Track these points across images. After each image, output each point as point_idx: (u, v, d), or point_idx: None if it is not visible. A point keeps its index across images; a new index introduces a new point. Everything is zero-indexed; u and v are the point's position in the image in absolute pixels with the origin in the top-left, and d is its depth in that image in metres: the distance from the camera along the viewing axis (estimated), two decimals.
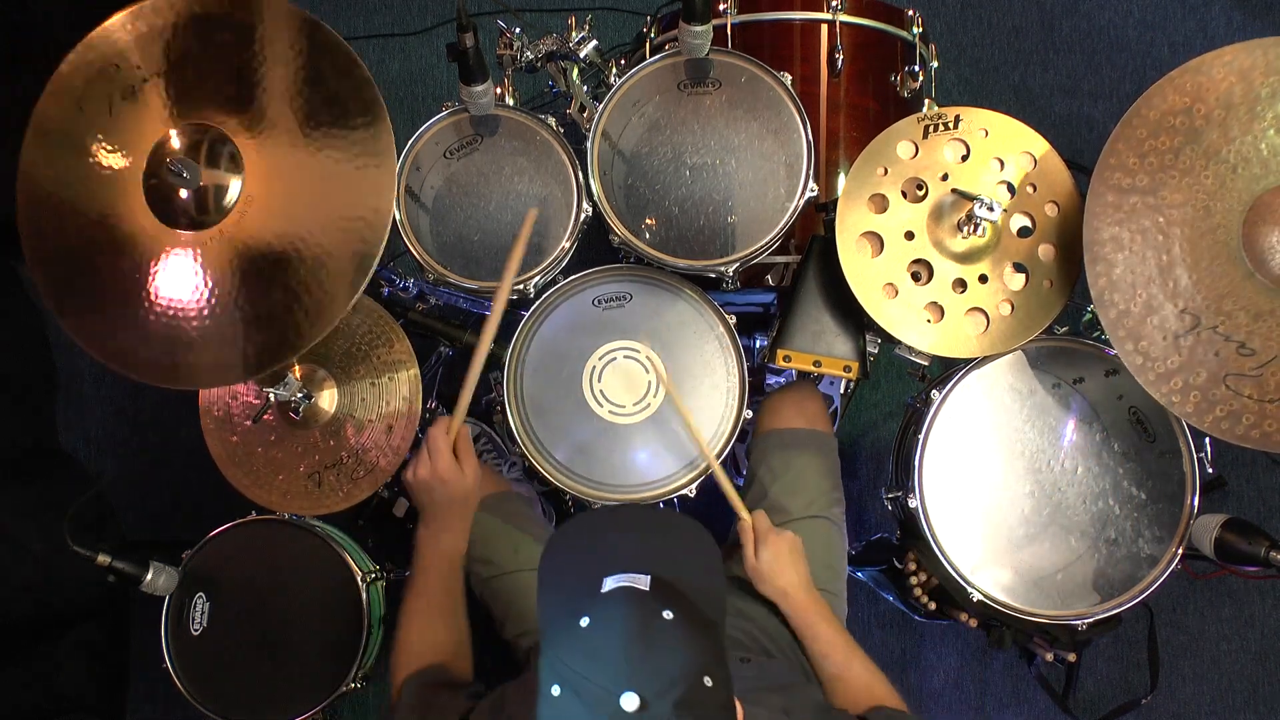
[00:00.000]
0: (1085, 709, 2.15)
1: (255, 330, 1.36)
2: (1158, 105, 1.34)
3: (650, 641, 0.88)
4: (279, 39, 1.35)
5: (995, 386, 1.59)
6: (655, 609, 0.90)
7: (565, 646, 0.89)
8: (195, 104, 1.37)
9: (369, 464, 1.62)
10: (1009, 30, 2.50)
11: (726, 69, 1.56)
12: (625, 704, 0.84)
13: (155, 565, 1.57)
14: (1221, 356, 1.34)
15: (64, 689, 2.09)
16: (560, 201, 1.59)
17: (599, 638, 0.88)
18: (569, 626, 0.90)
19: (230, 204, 1.36)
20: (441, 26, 2.54)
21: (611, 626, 0.89)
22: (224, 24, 1.36)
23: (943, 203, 1.46)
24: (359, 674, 1.64)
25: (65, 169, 1.39)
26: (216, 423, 1.66)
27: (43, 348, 2.40)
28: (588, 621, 0.89)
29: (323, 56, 1.35)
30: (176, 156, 1.34)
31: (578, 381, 1.57)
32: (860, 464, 2.31)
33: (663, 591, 0.92)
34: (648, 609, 0.90)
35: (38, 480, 2.23)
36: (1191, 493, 1.50)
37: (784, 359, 1.57)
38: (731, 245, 1.54)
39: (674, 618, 0.90)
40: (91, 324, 1.39)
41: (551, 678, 0.88)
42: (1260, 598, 2.23)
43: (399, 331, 1.64)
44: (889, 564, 1.74)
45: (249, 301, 1.36)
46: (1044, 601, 1.53)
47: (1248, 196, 1.33)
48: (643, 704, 0.84)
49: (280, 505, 1.64)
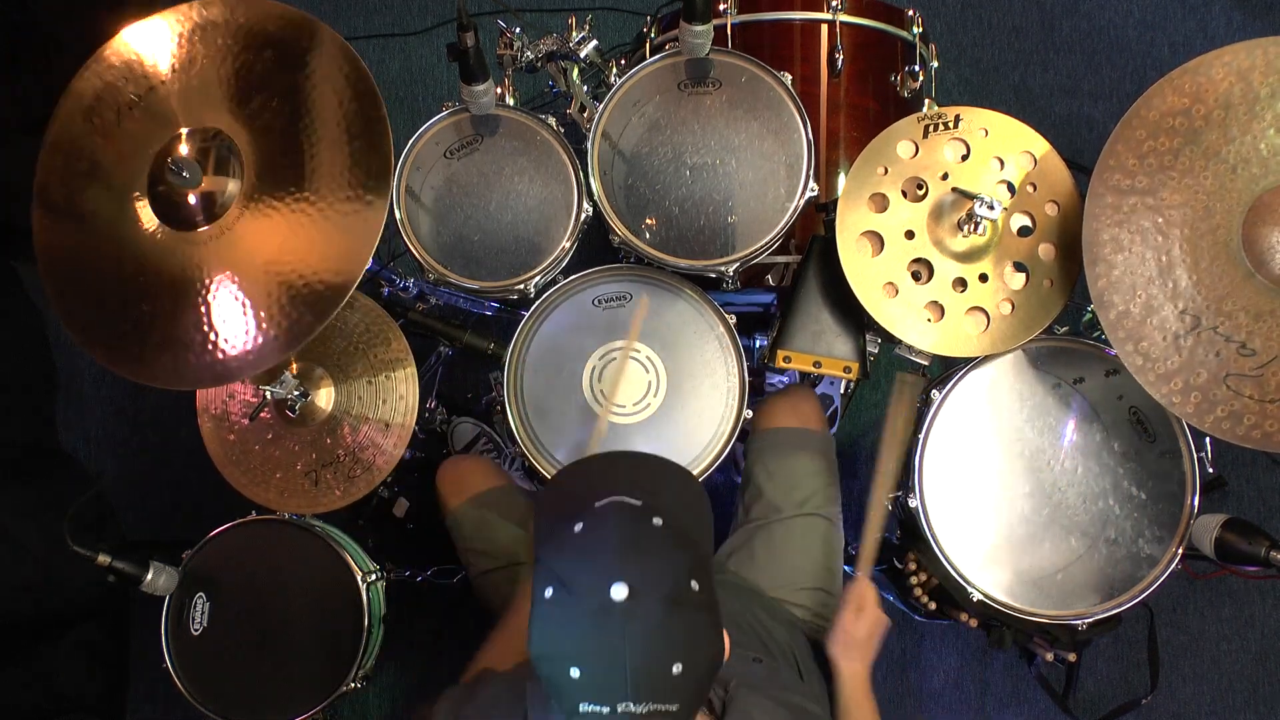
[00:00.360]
0: (1085, 709, 2.15)
1: (257, 329, 1.36)
2: (1157, 106, 1.34)
3: (640, 541, 0.91)
4: (323, 79, 1.35)
5: (995, 386, 1.59)
6: (646, 517, 0.94)
7: (559, 550, 0.92)
8: (208, 115, 1.38)
9: (365, 462, 1.62)
10: (1009, 30, 2.50)
11: (727, 69, 1.56)
12: (615, 593, 0.87)
13: (155, 565, 1.57)
14: (1222, 357, 1.34)
15: (64, 689, 2.09)
16: (560, 201, 1.59)
17: (592, 538, 0.92)
18: (563, 532, 0.93)
19: (227, 208, 1.36)
20: (441, 26, 2.54)
21: (604, 527, 0.92)
22: (272, 42, 1.37)
23: (943, 202, 1.46)
24: (359, 674, 1.64)
25: (80, 185, 1.39)
26: (214, 421, 1.66)
27: (43, 348, 2.40)
28: (581, 526, 0.93)
29: (357, 100, 1.34)
30: (179, 157, 1.34)
31: (578, 381, 1.57)
32: (860, 464, 2.31)
33: (652, 506, 0.95)
34: (639, 516, 0.94)
35: (38, 480, 2.23)
36: (1191, 493, 1.49)
37: (784, 359, 1.57)
38: (731, 245, 1.54)
39: (663, 525, 0.93)
40: (96, 326, 1.40)
41: (544, 582, 0.91)
42: (1260, 598, 2.23)
43: (396, 330, 1.64)
44: (889, 564, 1.74)
45: (249, 302, 1.36)
46: (1044, 601, 1.53)
47: (1248, 196, 1.33)
48: (632, 594, 0.87)
49: (277, 504, 1.64)
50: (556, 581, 0.90)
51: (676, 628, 0.88)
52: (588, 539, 0.92)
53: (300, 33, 1.36)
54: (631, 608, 0.87)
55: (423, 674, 2.22)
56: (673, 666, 0.87)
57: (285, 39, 1.36)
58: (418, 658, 2.20)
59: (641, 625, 0.87)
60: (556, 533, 0.94)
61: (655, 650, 0.87)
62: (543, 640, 0.90)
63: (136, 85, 1.37)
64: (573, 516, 0.94)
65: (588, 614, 0.88)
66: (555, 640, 0.89)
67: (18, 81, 2.09)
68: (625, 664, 0.86)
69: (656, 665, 0.87)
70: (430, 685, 2.22)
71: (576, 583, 0.89)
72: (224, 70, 1.37)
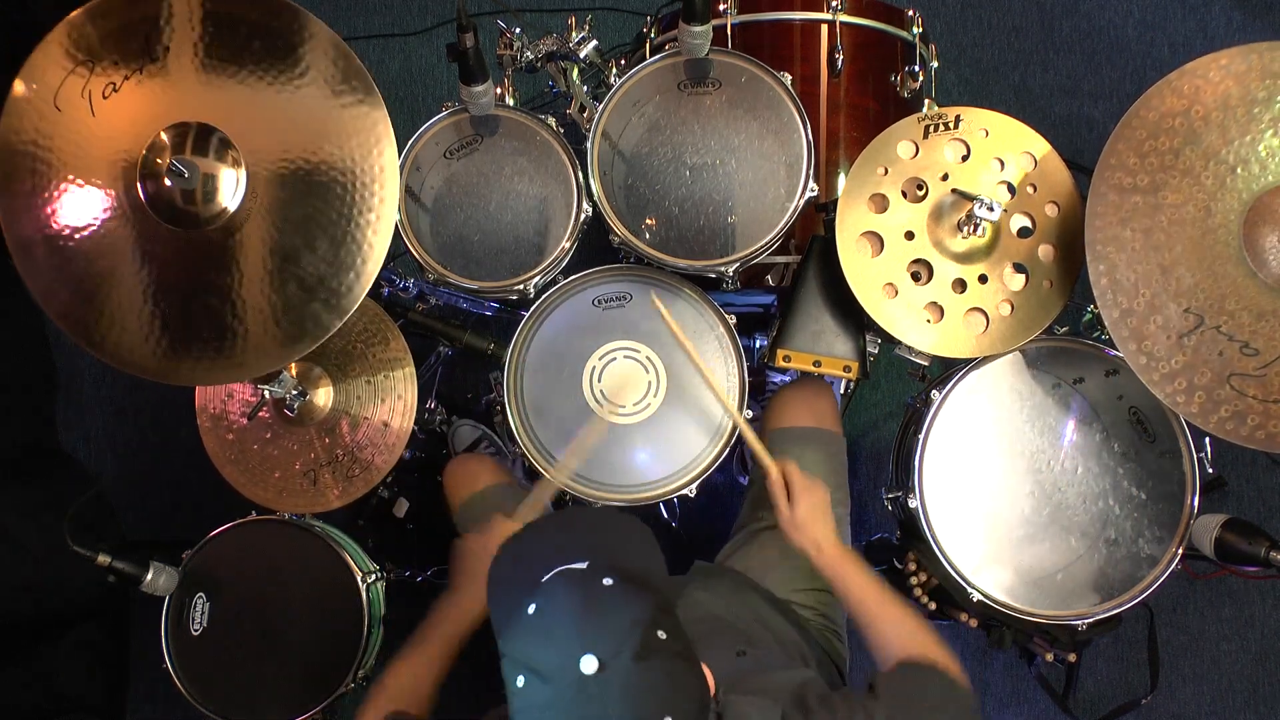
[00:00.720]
0: (1085, 709, 2.15)
1: (259, 329, 1.36)
2: (1156, 107, 1.35)
3: (596, 607, 0.90)
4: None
5: (995, 387, 1.59)
6: (595, 579, 0.92)
7: (519, 637, 0.91)
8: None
9: (364, 461, 1.62)
10: (1009, 30, 2.50)
11: (726, 69, 1.56)
12: (584, 667, 0.86)
13: (155, 565, 1.57)
14: (1225, 356, 1.34)
15: (64, 689, 2.09)
16: (560, 201, 1.59)
17: (548, 617, 0.90)
18: (518, 618, 0.92)
19: (228, 198, 1.35)
20: (441, 26, 2.54)
21: (556, 604, 0.91)
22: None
23: (943, 203, 1.46)
24: (359, 674, 1.64)
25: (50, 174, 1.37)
26: (213, 420, 1.67)
27: (43, 348, 2.40)
28: (534, 607, 0.92)
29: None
30: (174, 156, 1.33)
31: (578, 382, 1.57)
32: (860, 464, 2.31)
33: (599, 565, 0.94)
34: (588, 581, 0.93)
35: (38, 480, 2.23)
36: (1191, 493, 1.49)
37: (784, 359, 1.57)
38: (731, 245, 1.54)
39: (614, 583, 0.92)
40: (89, 322, 1.39)
41: (514, 672, 0.90)
42: (1260, 598, 2.23)
43: (394, 329, 1.65)
44: (889, 564, 1.74)
45: (250, 300, 1.35)
46: (1044, 601, 1.53)
47: (1247, 197, 1.33)
48: (601, 665, 0.86)
49: (276, 503, 1.64)
50: (524, 669, 0.89)
51: (655, 682, 0.87)
52: (544, 619, 0.90)
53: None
54: (605, 676, 0.86)
55: None
56: (664, 719, 0.87)
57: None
58: None
59: (620, 690, 0.86)
60: (512, 619, 0.93)
61: (641, 710, 0.86)
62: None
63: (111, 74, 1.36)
64: (522, 599, 0.93)
65: (565, 696, 0.86)
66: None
67: None
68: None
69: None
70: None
71: (544, 667, 0.88)
72: (194, 57, 1.36)
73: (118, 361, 1.37)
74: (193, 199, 1.33)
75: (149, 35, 1.34)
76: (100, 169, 1.35)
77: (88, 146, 1.35)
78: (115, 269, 1.36)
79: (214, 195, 1.33)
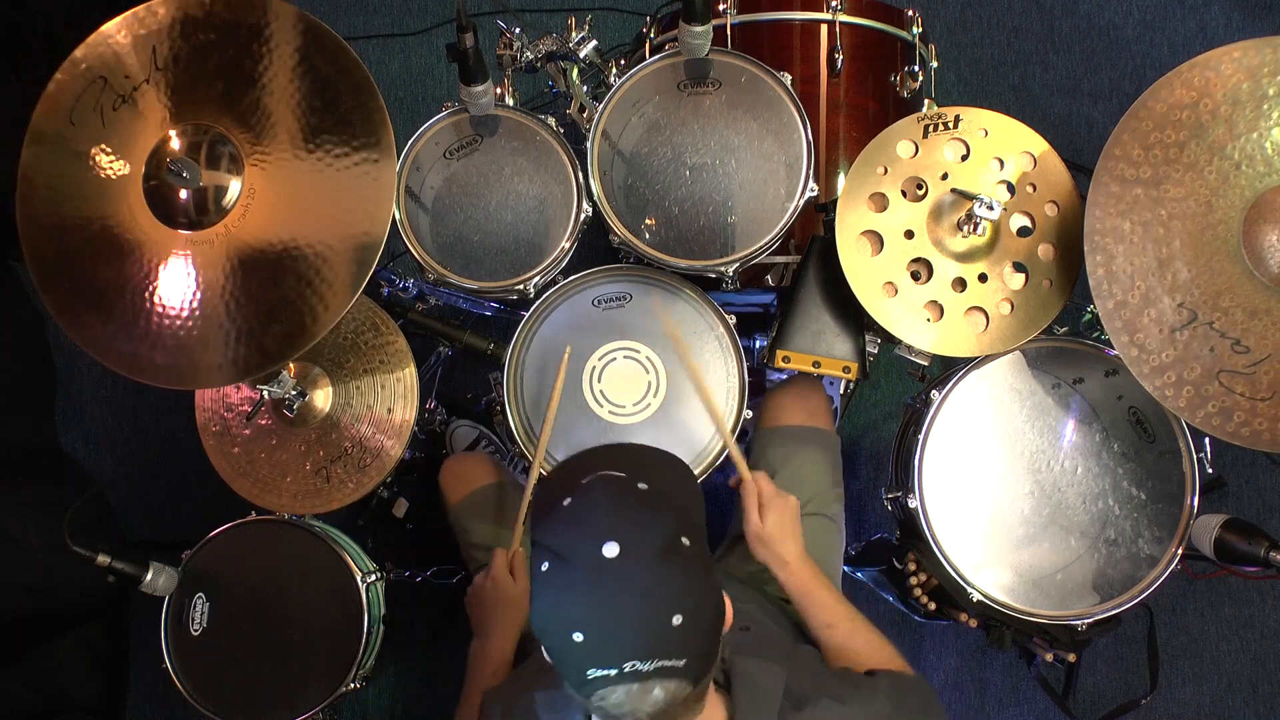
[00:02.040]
0: (1085, 709, 2.15)
1: (259, 329, 1.36)
2: (1165, 98, 1.34)
3: (626, 503, 0.93)
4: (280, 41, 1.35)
5: (995, 387, 1.59)
6: (631, 482, 0.96)
7: (549, 526, 0.94)
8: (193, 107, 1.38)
9: (375, 449, 1.62)
10: (1009, 30, 2.50)
11: (726, 69, 1.56)
12: (607, 551, 0.88)
13: (155, 565, 1.57)
14: (1216, 352, 1.34)
15: (64, 689, 2.09)
16: (560, 201, 1.59)
17: (580, 508, 0.94)
18: (553, 510, 0.95)
19: (230, 204, 1.36)
20: (441, 26, 2.54)
21: (591, 497, 0.94)
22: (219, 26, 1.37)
23: (942, 202, 1.46)
24: (359, 674, 1.64)
25: (64, 178, 1.39)
26: (216, 438, 1.67)
27: (43, 348, 2.40)
28: (569, 501, 0.95)
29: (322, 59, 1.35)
30: (176, 156, 1.34)
31: (578, 382, 1.57)
32: (860, 464, 2.31)
33: (636, 475, 0.97)
34: (624, 483, 0.96)
35: (38, 480, 2.23)
36: (1191, 493, 1.49)
37: (783, 359, 1.57)
38: (731, 245, 1.54)
39: (649, 488, 0.95)
40: (94, 328, 1.39)
41: (540, 558, 0.93)
42: (1260, 598, 2.23)
43: (382, 315, 1.66)
44: (889, 564, 1.74)
45: (250, 301, 1.36)
46: (1044, 601, 1.53)
47: (1250, 194, 1.33)
48: (623, 550, 0.88)
49: (292, 507, 1.64)
50: (550, 554, 0.92)
51: (671, 579, 0.89)
52: (576, 509, 0.94)
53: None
54: (624, 563, 0.88)
55: (423, 674, 2.22)
56: (673, 618, 0.88)
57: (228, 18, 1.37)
58: (418, 658, 2.20)
59: (635, 580, 0.88)
60: (548, 512, 0.96)
61: (652, 602, 0.88)
62: (543, 612, 0.92)
63: (119, 84, 1.38)
64: (562, 495, 0.96)
65: (583, 577, 0.89)
66: (555, 609, 0.90)
67: (18, 81, 2.09)
68: (625, 620, 0.88)
69: (656, 618, 0.88)
70: (430, 685, 2.22)
71: (569, 550, 0.91)
72: (206, 64, 1.37)
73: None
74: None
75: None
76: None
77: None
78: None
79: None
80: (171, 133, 1.38)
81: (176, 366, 1.38)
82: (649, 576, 0.89)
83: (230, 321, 1.36)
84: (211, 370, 1.38)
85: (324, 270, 1.34)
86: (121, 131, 1.38)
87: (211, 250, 1.37)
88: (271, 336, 1.36)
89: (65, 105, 1.38)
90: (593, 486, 0.96)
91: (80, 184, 1.39)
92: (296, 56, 1.35)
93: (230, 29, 1.37)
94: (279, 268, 1.35)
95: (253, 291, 1.36)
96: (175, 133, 1.38)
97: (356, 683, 1.64)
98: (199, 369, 1.38)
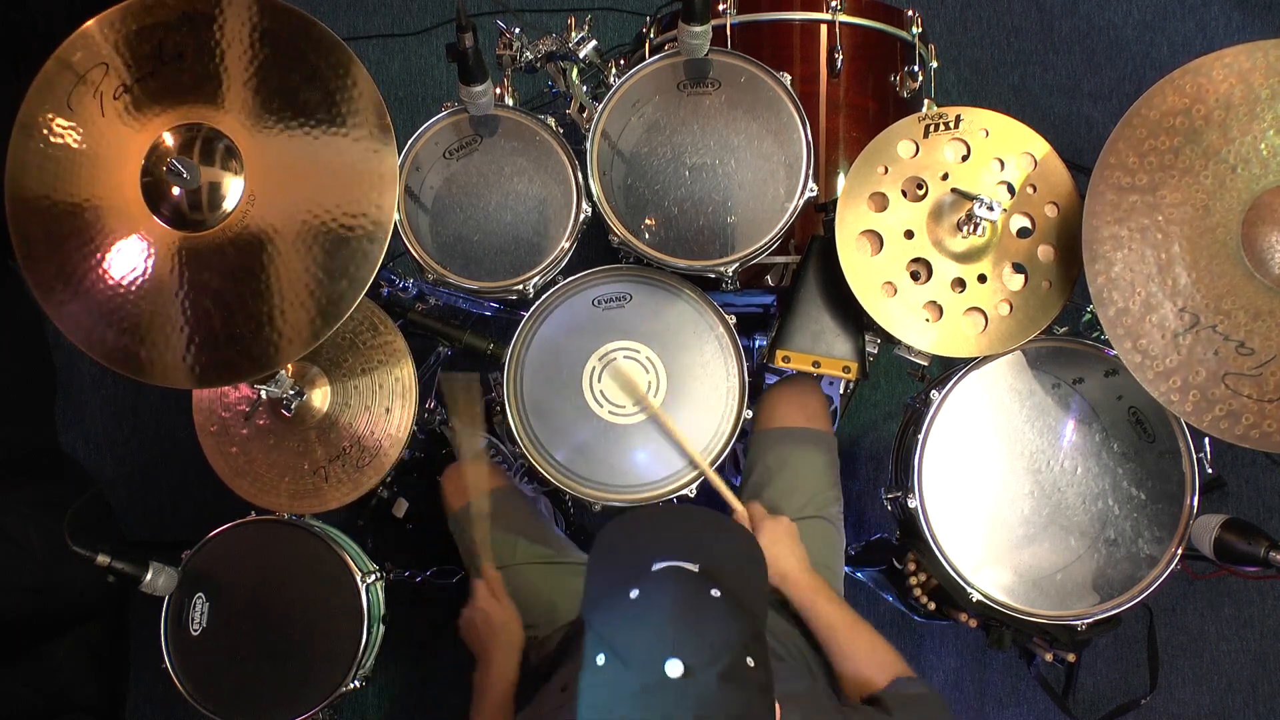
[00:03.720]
0: (1085, 709, 2.15)
1: (259, 328, 1.36)
2: (1158, 105, 1.35)
3: (698, 614, 0.89)
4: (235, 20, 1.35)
5: (995, 387, 1.59)
6: (704, 587, 0.91)
7: (613, 617, 0.90)
8: (171, 102, 1.38)
9: (372, 449, 1.62)
10: (1008, 30, 2.50)
11: (726, 69, 1.56)
12: (670, 670, 0.84)
13: (155, 565, 1.57)
14: (1221, 355, 1.34)
15: (64, 689, 2.10)
16: (560, 201, 1.59)
17: (647, 607, 0.90)
18: (618, 598, 0.91)
19: (230, 202, 1.36)
20: (441, 26, 2.54)
21: (661, 597, 0.90)
22: (179, 21, 1.37)
23: (943, 202, 1.46)
24: (359, 674, 1.64)
25: (54, 178, 1.39)
26: (214, 438, 1.67)
27: (43, 348, 2.40)
28: (637, 594, 0.91)
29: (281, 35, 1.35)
30: (174, 156, 1.34)
31: (577, 382, 1.57)
32: (860, 464, 2.31)
33: (711, 575, 0.93)
34: (697, 585, 0.92)
35: (38, 480, 2.23)
36: (1191, 493, 1.49)
37: (783, 359, 1.57)
38: (731, 245, 1.54)
39: (720, 597, 0.91)
40: (88, 326, 1.39)
41: (597, 647, 0.89)
42: (1260, 598, 2.23)
43: (380, 314, 1.65)
44: (889, 564, 1.74)
45: (251, 299, 1.36)
46: (1044, 602, 1.53)
47: (1247, 196, 1.33)
48: (687, 671, 0.85)
49: (290, 507, 1.64)
50: (609, 650, 0.88)
51: (729, 703, 0.86)
52: (643, 608, 0.90)
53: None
54: (686, 685, 0.84)
55: (423, 674, 2.22)
56: None
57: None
58: (418, 658, 2.20)
59: (695, 703, 0.85)
60: (610, 597, 0.92)
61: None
62: (592, 709, 0.88)
63: (102, 86, 1.38)
64: (627, 580, 0.92)
65: (640, 688, 0.86)
66: (604, 710, 0.87)
67: (18, 81, 2.09)
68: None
69: None
70: (430, 685, 2.22)
71: (629, 653, 0.87)
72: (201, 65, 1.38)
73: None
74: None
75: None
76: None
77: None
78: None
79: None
80: (165, 134, 1.37)
81: (179, 366, 1.38)
82: (710, 701, 0.85)
83: (231, 321, 1.36)
84: (211, 370, 1.38)
85: (327, 265, 1.34)
86: (114, 129, 1.38)
87: (211, 249, 1.37)
88: (272, 336, 1.36)
89: (56, 102, 1.39)
90: (663, 581, 0.92)
91: (74, 182, 1.39)
92: (256, 35, 1.35)
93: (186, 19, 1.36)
94: (282, 264, 1.36)
95: (255, 290, 1.36)
96: (169, 133, 1.37)
97: (356, 682, 1.64)
98: (204, 368, 1.38)
